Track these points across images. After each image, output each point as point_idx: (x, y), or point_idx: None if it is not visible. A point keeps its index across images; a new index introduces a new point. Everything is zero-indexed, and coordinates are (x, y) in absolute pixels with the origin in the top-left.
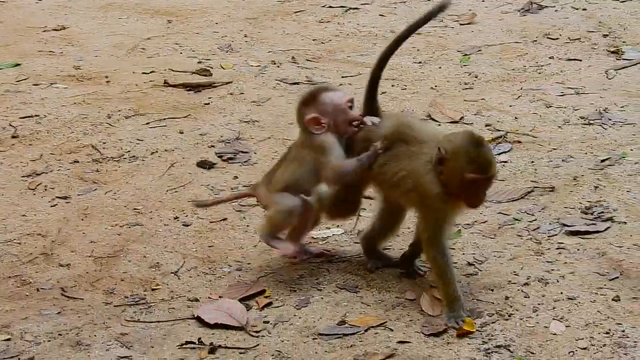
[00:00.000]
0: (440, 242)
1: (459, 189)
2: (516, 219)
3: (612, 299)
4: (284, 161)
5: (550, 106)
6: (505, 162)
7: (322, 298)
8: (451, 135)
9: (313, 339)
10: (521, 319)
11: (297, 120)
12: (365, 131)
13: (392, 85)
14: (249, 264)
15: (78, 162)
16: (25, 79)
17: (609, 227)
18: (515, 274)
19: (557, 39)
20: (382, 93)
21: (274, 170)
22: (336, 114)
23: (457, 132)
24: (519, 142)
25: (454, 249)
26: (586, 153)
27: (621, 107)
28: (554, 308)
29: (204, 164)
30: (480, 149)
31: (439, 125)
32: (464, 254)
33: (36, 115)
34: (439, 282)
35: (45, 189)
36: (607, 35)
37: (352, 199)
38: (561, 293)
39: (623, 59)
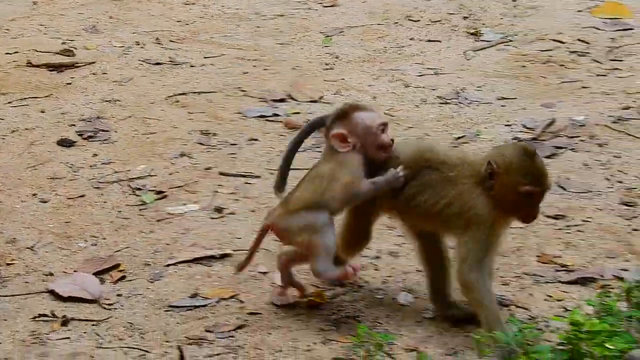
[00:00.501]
0: (483, 266)
1: (512, 204)
2: None
3: None
4: (303, 182)
5: (409, 86)
6: None
7: (175, 272)
8: (501, 148)
9: (165, 311)
10: (370, 291)
11: (325, 135)
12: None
13: (254, 66)
14: (104, 239)
15: None
16: None
17: None
18: (367, 249)
19: (418, 21)
20: (244, 73)
21: (292, 194)
22: (366, 135)
23: (506, 145)
24: None
25: None
26: (442, 131)
27: (477, 87)
28: (403, 280)
29: (64, 142)
30: (534, 160)
31: (298, 104)
32: None
33: None
34: (480, 310)
35: None
36: (467, 17)
37: (362, 229)
38: (411, 266)
39: (481, 41)
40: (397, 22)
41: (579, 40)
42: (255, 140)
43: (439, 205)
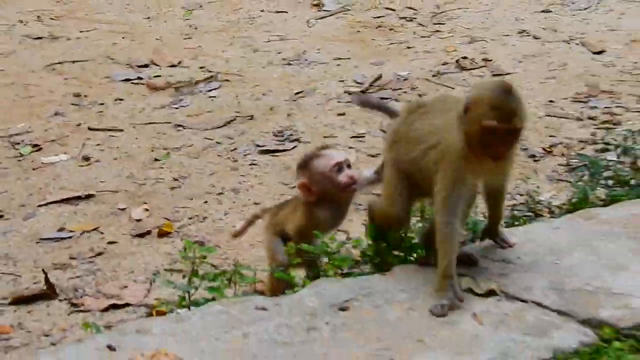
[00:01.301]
0: (450, 207)
1: (478, 139)
2: (218, 142)
3: None
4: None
5: (257, 51)
6: (214, 97)
7: (46, 211)
8: (483, 83)
9: (36, 243)
10: (213, 221)
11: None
12: None
13: (123, 38)
14: None
15: None
16: None
17: (295, 147)
18: (212, 186)
19: None
20: (114, 44)
21: (281, 207)
22: (324, 181)
23: (488, 80)
24: (228, 80)
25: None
26: (284, 88)
27: (317, 50)
28: (241, 211)
29: None
30: (506, 96)
31: (160, 68)
32: (170, 172)
33: None
34: (438, 251)
35: None
36: None
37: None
38: (249, 199)
39: (323, 10)
40: None
41: (407, 7)
42: (121, 100)
43: (422, 134)
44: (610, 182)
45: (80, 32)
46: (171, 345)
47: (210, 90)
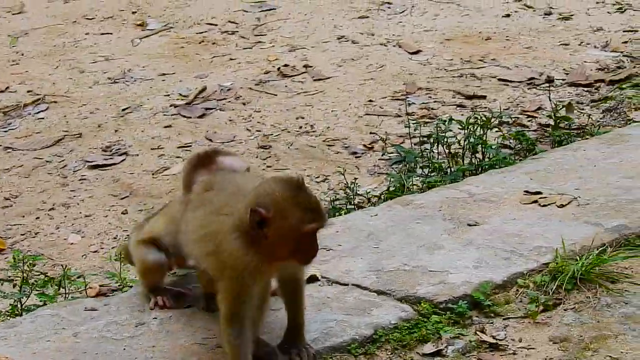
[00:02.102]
0: (240, 321)
1: (292, 248)
2: (48, 161)
3: (122, 213)
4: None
5: (83, 72)
6: (42, 118)
7: None
8: (263, 187)
9: None
10: (45, 235)
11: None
12: None
13: None
14: None
15: None
16: None
17: (124, 160)
18: (44, 203)
19: (93, 18)
20: None
21: (148, 219)
22: None
23: (267, 182)
24: (55, 102)
25: None
26: (111, 105)
27: (142, 67)
28: (72, 224)
29: None
30: (307, 193)
31: None
32: (2, 192)
33: None
34: None
35: None
36: (135, 11)
37: None
38: (80, 213)
39: (147, 30)
40: (75, 21)
41: (229, 21)
42: None
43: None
44: (426, 170)
45: None
46: (2, 348)
47: (38, 113)
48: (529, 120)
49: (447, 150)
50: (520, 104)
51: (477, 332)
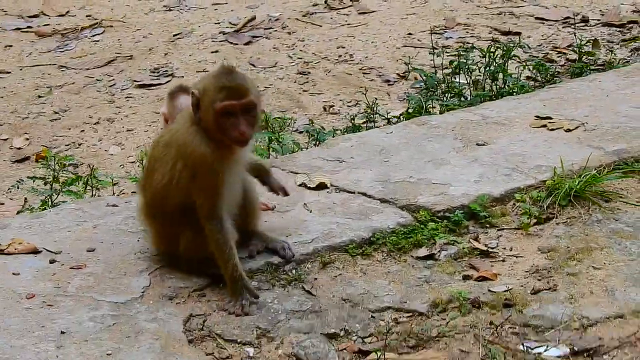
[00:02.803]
0: (218, 214)
1: (217, 127)
2: (98, 80)
3: (161, 128)
4: None
5: None
6: (97, 41)
7: None
8: (206, 74)
9: None
10: (88, 146)
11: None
12: None
13: None
14: None
15: None
16: None
17: (169, 81)
18: (90, 117)
19: None
20: None
21: None
22: None
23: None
24: (111, 26)
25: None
26: (163, 31)
27: None
28: (115, 137)
29: None
30: (230, 75)
31: (49, 18)
32: (52, 106)
33: None
34: (219, 261)
35: None
36: None
37: None
38: (123, 127)
39: None
40: None
41: None
42: (10, 46)
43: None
44: (448, 95)
45: None
46: (27, 236)
47: (94, 35)
48: (558, 56)
49: (468, 78)
50: (553, 41)
51: (471, 240)
